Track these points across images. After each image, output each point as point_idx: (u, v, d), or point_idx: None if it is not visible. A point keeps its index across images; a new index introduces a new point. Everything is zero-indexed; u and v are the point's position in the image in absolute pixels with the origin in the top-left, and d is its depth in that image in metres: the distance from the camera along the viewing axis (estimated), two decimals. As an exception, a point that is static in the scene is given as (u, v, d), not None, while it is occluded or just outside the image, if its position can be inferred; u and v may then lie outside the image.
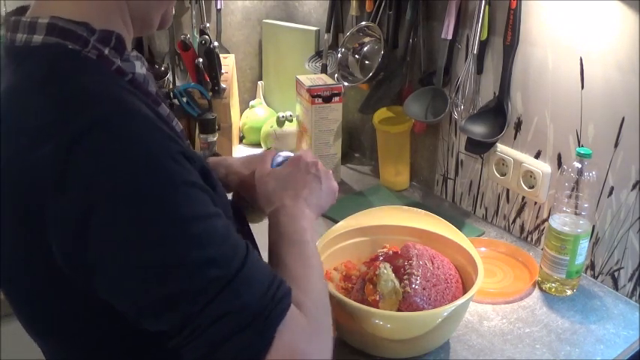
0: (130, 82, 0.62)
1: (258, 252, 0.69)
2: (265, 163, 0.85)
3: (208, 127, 1.47)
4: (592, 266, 1.11)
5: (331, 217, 1.30)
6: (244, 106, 1.79)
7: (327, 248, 1.00)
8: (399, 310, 0.86)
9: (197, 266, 0.54)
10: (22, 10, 0.63)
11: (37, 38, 0.59)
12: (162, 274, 0.53)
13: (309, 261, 0.70)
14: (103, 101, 0.55)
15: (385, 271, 0.90)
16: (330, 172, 0.85)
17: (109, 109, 0.54)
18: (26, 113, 0.56)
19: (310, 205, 0.78)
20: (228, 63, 1.63)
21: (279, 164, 0.85)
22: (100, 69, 0.60)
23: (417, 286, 0.87)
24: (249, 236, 0.83)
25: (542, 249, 1.13)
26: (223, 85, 1.56)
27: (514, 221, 1.25)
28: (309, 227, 0.74)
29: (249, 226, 0.87)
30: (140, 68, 0.65)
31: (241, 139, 1.76)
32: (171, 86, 1.63)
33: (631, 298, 1.05)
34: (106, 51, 0.61)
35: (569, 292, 1.06)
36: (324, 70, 1.58)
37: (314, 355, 0.58)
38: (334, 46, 1.57)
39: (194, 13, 1.64)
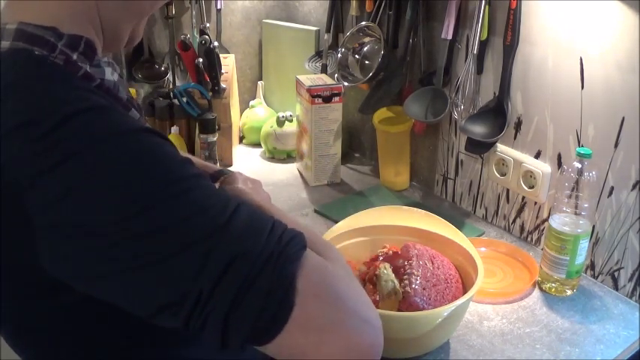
0: (98, 87, 0.60)
1: None
2: None
3: (208, 127, 1.47)
4: (592, 266, 1.11)
5: (331, 217, 1.30)
6: (244, 106, 1.79)
7: (327, 248, 1.00)
8: (399, 310, 0.86)
9: (191, 219, 0.50)
10: None
11: (5, 44, 0.57)
12: (149, 234, 0.50)
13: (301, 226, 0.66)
14: (70, 101, 0.54)
15: (385, 271, 0.90)
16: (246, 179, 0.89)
17: (77, 106, 0.53)
18: None
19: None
20: (228, 63, 1.64)
21: None
22: (66, 75, 0.58)
23: (417, 286, 0.87)
24: None
25: (542, 249, 1.13)
26: (223, 85, 1.56)
27: (514, 221, 1.25)
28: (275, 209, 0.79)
29: None
30: (111, 75, 0.64)
31: (241, 139, 1.76)
32: (171, 86, 1.63)
33: (631, 298, 1.05)
34: (75, 56, 0.59)
35: (569, 292, 1.06)
36: (324, 70, 1.58)
37: (355, 296, 0.53)
38: (334, 46, 1.57)
39: (194, 13, 1.64)
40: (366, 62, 1.46)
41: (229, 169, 1.05)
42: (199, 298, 0.49)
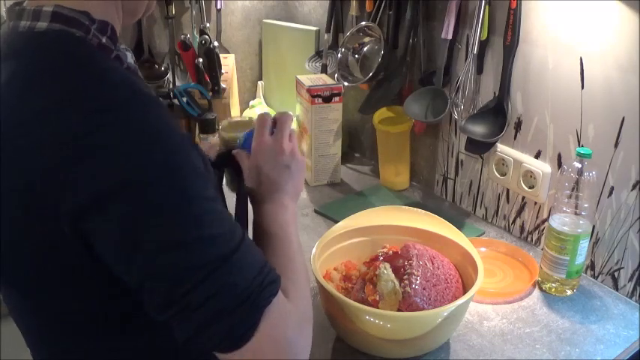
0: (127, 69, 0.66)
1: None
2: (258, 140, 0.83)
3: (208, 127, 1.47)
4: (592, 266, 1.11)
5: (331, 217, 1.30)
6: (244, 106, 1.79)
7: (327, 248, 1.00)
8: (399, 310, 0.86)
9: (197, 244, 0.56)
10: (20, 3, 0.65)
11: (42, 25, 0.61)
12: (163, 248, 0.55)
13: (291, 254, 0.72)
14: (120, 86, 0.58)
15: (385, 271, 0.90)
16: (293, 147, 0.82)
17: (126, 94, 0.57)
18: (41, 96, 0.57)
19: (289, 194, 0.80)
20: (228, 63, 1.64)
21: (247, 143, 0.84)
22: (104, 55, 0.63)
23: (417, 286, 0.87)
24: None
25: (542, 249, 1.13)
26: (223, 85, 1.56)
27: (514, 221, 1.25)
28: (291, 220, 0.77)
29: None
30: (130, 59, 0.69)
31: (241, 139, 1.76)
32: (171, 86, 1.63)
33: (631, 298, 1.05)
34: (104, 40, 0.64)
35: (569, 292, 1.06)
36: (324, 70, 1.58)
37: (299, 342, 0.61)
38: (334, 46, 1.57)
39: (194, 13, 1.64)
40: (366, 62, 1.46)
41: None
42: (182, 307, 0.56)
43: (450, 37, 1.24)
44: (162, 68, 1.63)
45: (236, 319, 0.57)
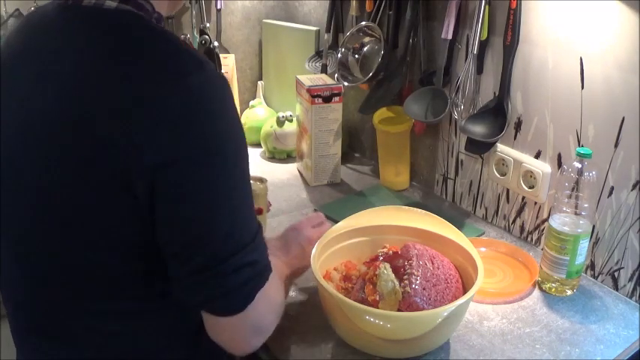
0: None
1: None
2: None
3: (208, 127, 1.47)
4: (592, 266, 1.11)
5: (331, 217, 1.30)
6: (244, 106, 1.79)
7: (327, 248, 1.00)
8: (399, 310, 0.86)
9: (251, 218, 0.69)
10: None
11: (111, 3, 0.67)
12: (230, 213, 0.66)
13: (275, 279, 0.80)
14: (205, 64, 0.65)
15: (385, 271, 0.90)
16: (313, 234, 1.00)
17: (210, 72, 0.65)
18: (128, 64, 0.63)
19: (289, 262, 0.94)
20: (228, 63, 1.64)
21: None
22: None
23: (417, 286, 0.87)
24: None
25: (542, 249, 1.13)
26: (223, 85, 1.56)
27: (514, 221, 1.25)
28: (280, 262, 0.91)
29: None
30: None
31: (241, 139, 1.76)
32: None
33: (631, 298, 1.05)
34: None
35: (569, 292, 1.06)
36: (324, 70, 1.58)
37: (269, 321, 0.76)
38: (334, 46, 1.57)
39: (194, 13, 1.64)
40: (366, 62, 1.46)
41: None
42: (214, 273, 0.66)
43: (450, 37, 1.24)
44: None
45: (248, 289, 0.69)
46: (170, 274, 0.68)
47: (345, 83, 1.46)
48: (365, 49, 1.47)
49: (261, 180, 1.21)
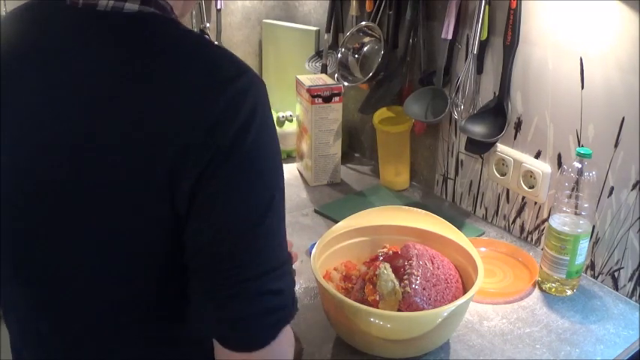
0: None
1: None
2: None
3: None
4: (592, 266, 1.11)
5: (331, 217, 1.30)
6: (244, 106, 1.78)
7: (327, 248, 1.00)
8: (399, 310, 0.86)
9: (284, 241, 0.63)
10: None
11: (132, 6, 0.60)
12: (267, 231, 0.61)
13: None
14: (247, 68, 0.61)
15: (385, 271, 0.90)
16: None
17: (253, 76, 0.61)
18: (174, 74, 0.59)
19: None
20: (228, 63, 1.64)
21: None
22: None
23: (417, 286, 0.87)
24: None
25: (542, 249, 1.13)
26: (223, 85, 1.56)
27: (514, 221, 1.25)
28: None
29: None
30: None
31: (241, 139, 1.76)
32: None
33: (631, 298, 1.05)
34: None
35: (569, 292, 1.06)
36: (324, 70, 1.58)
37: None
38: (334, 46, 1.57)
39: (194, 13, 1.64)
40: (366, 62, 1.46)
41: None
42: (237, 292, 0.59)
43: (450, 37, 1.24)
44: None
45: (272, 321, 0.61)
46: (189, 293, 0.62)
47: (345, 83, 1.46)
48: (365, 49, 1.47)
49: None
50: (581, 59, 1.04)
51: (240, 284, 0.59)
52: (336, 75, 1.48)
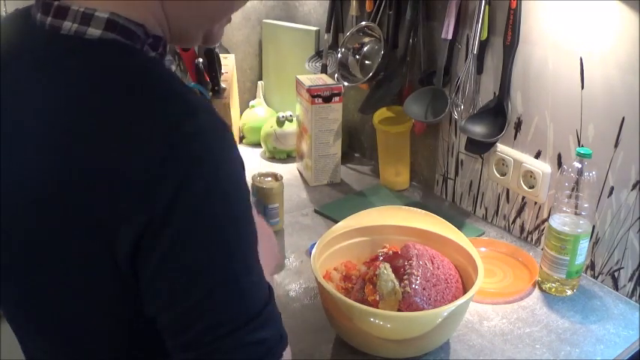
0: None
1: None
2: None
3: (208, 127, 1.46)
4: (592, 266, 1.11)
5: (331, 217, 1.30)
6: (244, 106, 1.79)
7: (327, 248, 1.00)
8: (399, 310, 0.86)
9: (248, 290, 0.56)
10: None
11: (94, 32, 0.56)
12: (218, 285, 0.54)
13: None
14: (199, 110, 0.54)
15: (385, 272, 0.90)
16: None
17: (205, 120, 0.54)
18: (114, 114, 0.53)
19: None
20: (228, 63, 1.64)
21: None
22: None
23: (417, 286, 0.87)
24: None
25: (542, 249, 1.13)
26: (223, 85, 1.56)
27: (514, 221, 1.25)
28: None
29: None
30: (174, 69, 0.66)
31: (241, 139, 1.76)
32: (171, 86, 1.63)
33: (631, 298, 1.05)
34: (152, 54, 0.61)
35: (569, 292, 1.06)
36: (324, 70, 1.58)
37: None
38: (334, 46, 1.57)
39: (194, 13, 1.63)
40: (366, 62, 1.46)
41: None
42: (210, 351, 0.55)
43: (450, 37, 1.24)
44: (163, 68, 1.62)
45: None
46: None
47: (345, 83, 1.46)
48: (365, 49, 1.47)
49: (276, 177, 1.21)
50: (581, 59, 1.04)
51: (215, 342, 0.54)
52: (336, 75, 1.48)
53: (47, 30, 0.58)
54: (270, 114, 1.71)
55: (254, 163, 1.64)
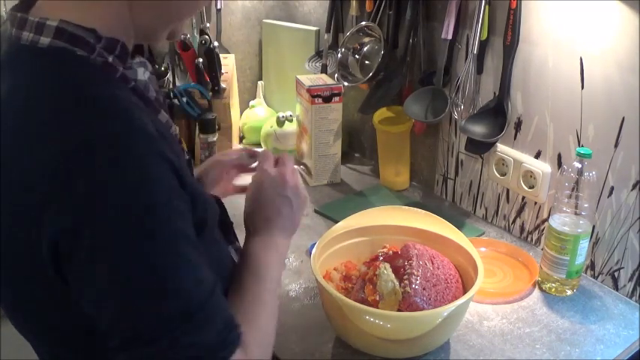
0: (132, 90, 0.62)
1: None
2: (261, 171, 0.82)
3: (208, 127, 1.47)
4: (592, 266, 1.11)
5: (331, 217, 1.30)
6: (244, 106, 1.79)
7: (327, 248, 1.00)
8: (399, 310, 0.86)
9: (162, 297, 0.55)
10: (25, 6, 0.62)
11: (45, 40, 0.58)
12: (127, 295, 0.54)
13: (265, 297, 0.71)
14: (110, 116, 0.55)
15: (385, 272, 0.90)
16: (297, 181, 0.82)
17: (115, 127, 0.54)
18: (33, 115, 0.56)
19: (284, 231, 0.79)
20: (228, 63, 1.64)
21: None
22: (108, 77, 0.60)
23: (417, 286, 0.87)
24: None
25: (542, 249, 1.13)
26: (223, 85, 1.56)
27: (514, 221, 1.25)
28: (276, 260, 0.76)
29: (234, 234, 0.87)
30: (142, 74, 0.66)
31: (241, 139, 1.76)
32: (171, 86, 1.63)
33: (631, 298, 1.05)
34: (110, 59, 0.61)
35: (569, 292, 1.06)
36: (324, 70, 1.58)
37: None
38: (334, 46, 1.57)
39: (194, 13, 1.64)
40: (366, 62, 1.46)
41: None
42: (140, 356, 0.55)
43: (450, 37, 1.24)
44: (163, 68, 1.62)
45: None
46: None
47: (345, 83, 1.46)
48: (365, 49, 1.47)
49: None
50: (581, 59, 1.04)
51: (141, 347, 0.55)
52: (336, 75, 1.48)
53: (12, 40, 0.61)
54: (270, 114, 1.71)
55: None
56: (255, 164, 0.90)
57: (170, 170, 0.57)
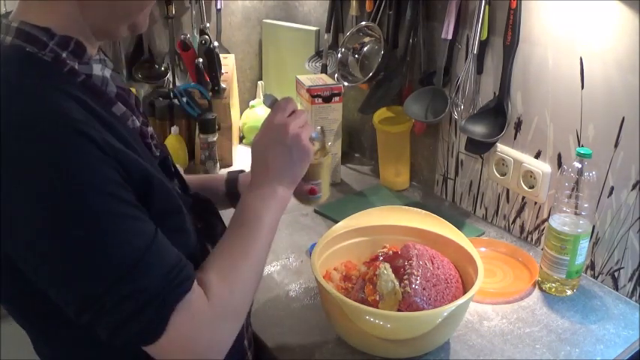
0: (82, 83, 0.66)
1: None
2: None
3: (208, 127, 1.47)
4: (592, 266, 1.11)
5: (331, 217, 1.30)
6: (244, 106, 1.79)
7: (327, 248, 1.00)
8: (399, 310, 0.86)
9: (100, 253, 0.59)
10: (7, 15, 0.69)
11: (8, 39, 0.65)
12: (70, 253, 0.59)
13: (249, 251, 0.73)
14: (24, 99, 0.59)
15: (385, 272, 0.90)
16: (300, 133, 0.80)
17: (43, 127, 0.58)
18: None
19: (282, 180, 0.79)
20: (228, 63, 1.64)
21: None
22: (50, 69, 0.64)
23: (417, 286, 0.87)
24: (211, 229, 0.85)
25: (542, 249, 1.13)
26: (223, 85, 1.56)
27: (514, 221, 1.25)
28: (273, 208, 0.77)
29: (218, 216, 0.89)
30: (100, 70, 0.70)
31: (241, 139, 1.76)
32: (171, 86, 1.63)
33: (631, 298, 1.05)
34: (64, 54, 0.65)
35: (569, 292, 1.06)
36: (324, 70, 1.58)
37: (206, 340, 0.65)
38: (334, 46, 1.57)
39: (194, 13, 1.64)
40: (366, 62, 1.46)
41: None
42: (96, 311, 0.60)
43: (450, 37, 1.24)
44: (162, 68, 1.63)
45: (146, 319, 0.61)
46: None
47: (345, 83, 1.46)
48: (365, 49, 1.47)
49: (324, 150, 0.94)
50: (581, 59, 1.04)
51: (94, 305, 0.60)
52: (336, 75, 1.48)
53: None
54: (270, 114, 1.70)
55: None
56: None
57: (96, 148, 0.60)
